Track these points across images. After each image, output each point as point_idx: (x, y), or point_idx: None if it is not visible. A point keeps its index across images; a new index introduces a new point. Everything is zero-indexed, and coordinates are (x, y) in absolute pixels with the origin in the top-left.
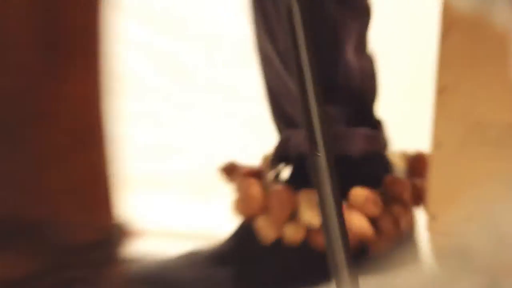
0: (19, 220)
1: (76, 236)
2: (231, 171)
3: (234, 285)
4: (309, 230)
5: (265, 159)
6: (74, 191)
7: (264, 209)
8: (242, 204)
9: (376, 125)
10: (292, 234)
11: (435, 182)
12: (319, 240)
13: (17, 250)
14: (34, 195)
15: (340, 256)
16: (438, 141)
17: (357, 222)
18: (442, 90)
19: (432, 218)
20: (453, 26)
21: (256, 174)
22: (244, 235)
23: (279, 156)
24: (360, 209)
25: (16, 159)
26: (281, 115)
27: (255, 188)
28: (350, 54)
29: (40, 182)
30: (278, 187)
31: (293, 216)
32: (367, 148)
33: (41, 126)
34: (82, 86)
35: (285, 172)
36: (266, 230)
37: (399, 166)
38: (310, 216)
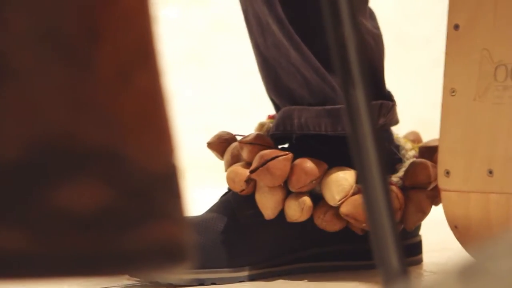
0: (89, 146)
1: (146, 166)
2: (220, 145)
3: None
4: (316, 208)
5: (260, 127)
6: (140, 116)
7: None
8: (266, 176)
9: (388, 97)
10: (297, 212)
11: (447, 133)
12: (329, 221)
13: (90, 178)
14: (103, 120)
15: (386, 239)
16: (450, 87)
17: None
18: (454, 29)
19: (445, 174)
20: None
21: (266, 143)
22: (239, 206)
23: (279, 134)
24: None
25: (84, 81)
26: (280, 89)
27: (284, 160)
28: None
29: (108, 105)
30: (304, 159)
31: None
32: (380, 122)
33: (102, 45)
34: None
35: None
36: (271, 205)
37: (407, 148)
38: (332, 199)
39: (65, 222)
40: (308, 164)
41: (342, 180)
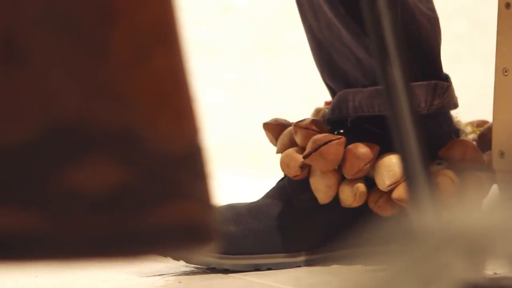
0: (106, 127)
1: (165, 147)
2: (276, 127)
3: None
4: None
5: (317, 113)
6: (159, 97)
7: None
8: (319, 160)
9: (445, 78)
10: (350, 197)
11: (501, 114)
12: (385, 207)
13: (106, 158)
14: (119, 101)
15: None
16: (503, 67)
17: None
18: (506, 8)
19: (499, 154)
20: None
21: (320, 129)
22: (294, 191)
23: (335, 118)
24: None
25: (100, 63)
26: (334, 73)
27: (336, 144)
28: None
29: (124, 87)
30: (358, 144)
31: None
32: (436, 103)
33: (118, 25)
34: None
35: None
36: (323, 189)
37: (467, 131)
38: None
39: (82, 202)
40: (360, 148)
41: (393, 165)
